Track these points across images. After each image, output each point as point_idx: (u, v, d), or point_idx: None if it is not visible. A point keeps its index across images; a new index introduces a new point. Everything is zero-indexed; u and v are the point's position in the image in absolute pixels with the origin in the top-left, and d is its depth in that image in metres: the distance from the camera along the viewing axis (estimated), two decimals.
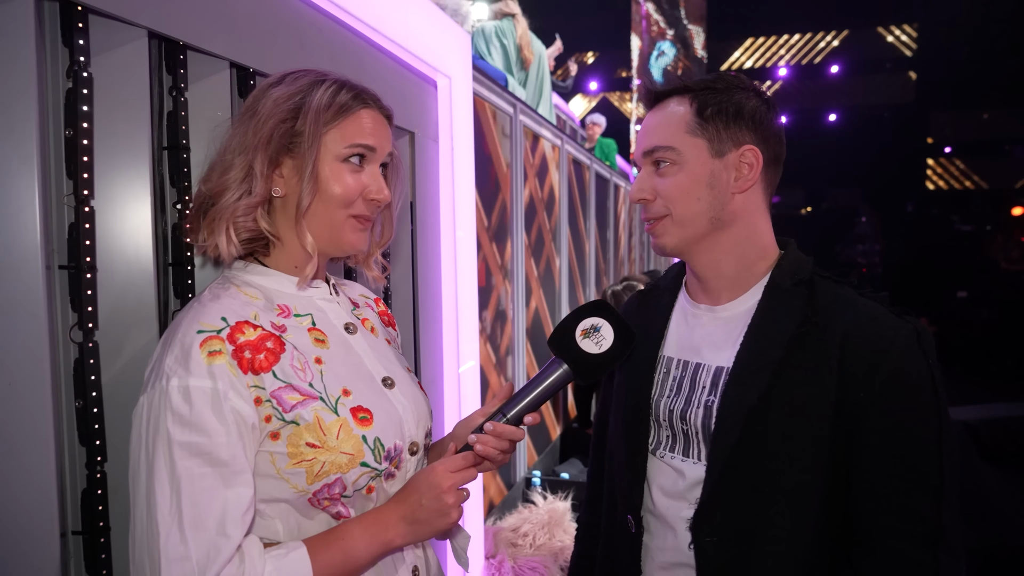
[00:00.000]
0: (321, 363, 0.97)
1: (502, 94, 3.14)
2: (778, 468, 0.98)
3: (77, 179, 0.93)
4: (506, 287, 3.23)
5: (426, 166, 1.99)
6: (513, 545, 2.46)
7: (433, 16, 1.95)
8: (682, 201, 1.05)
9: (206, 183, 0.96)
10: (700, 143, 1.04)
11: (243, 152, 0.93)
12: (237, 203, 0.92)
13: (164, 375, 0.84)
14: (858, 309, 1.00)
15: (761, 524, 0.99)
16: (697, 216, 1.05)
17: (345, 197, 0.97)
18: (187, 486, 0.82)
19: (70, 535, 0.95)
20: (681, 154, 1.05)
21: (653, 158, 1.08)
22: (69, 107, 0.93)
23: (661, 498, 1.08)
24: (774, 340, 1.00)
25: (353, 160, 0.98)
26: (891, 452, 0.94)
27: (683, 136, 1.05)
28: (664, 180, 1.06)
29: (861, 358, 0.96)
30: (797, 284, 1.04)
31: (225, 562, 0.82)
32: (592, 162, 5.37)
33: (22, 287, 0.85)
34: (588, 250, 5.22)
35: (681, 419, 1.07)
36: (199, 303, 0.92)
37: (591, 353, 1.03)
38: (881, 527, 0.95)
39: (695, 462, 1.06)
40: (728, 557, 1.00)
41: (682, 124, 1.05)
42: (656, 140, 1.07)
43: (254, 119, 0.94)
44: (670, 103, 1.08)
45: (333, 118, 0.96)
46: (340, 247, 1.01)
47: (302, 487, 0.92)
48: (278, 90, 0.96)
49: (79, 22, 0.93)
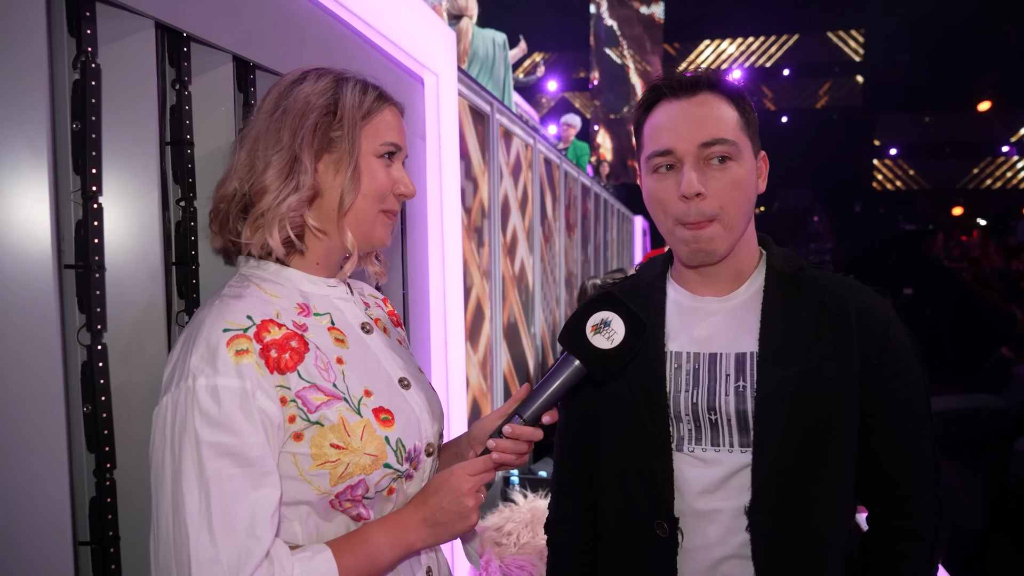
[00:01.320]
0: (343, 363, 0.95)
1: (480, 92, 3.13)
2: (822, 442, 1.04)
3: (85, 174, 0.89)
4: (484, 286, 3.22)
5: (415, 165, 1.97)
6: (498, 544, 2.45)
7: (422, 12, 1.93)
8: (738, 199, 1.03)
9: (235, 184, 0.94)
10: (747, 142, 1.06)
11: (281, 149, 0.92)
12: (286, 200, 0.91)
13: (190, 374, 0.82)
14: (855, 289, 1.09)
15: (811, 497, 1.04)
16: (744, 217, 1.06)
17: (379, 192, 0.99)
18: (216, 487, 0.80)
19: (79, 545, 0.91)
20: (740, 150, 1.04)
21: (713, 152, 1.02)
22: (76, 99, 0.89)
23: (693, 495, 1.06)
24: (799, 321, 1.06)
25: (385, 157, 1.00)
26: (904, 410, 1.06)
27: (739, 132, 1.05)
28: (722, 175, 1.02)
29: (873, 331, 1.05)
30: (800, 269, 1.10)
31: (256, 565, 0.80)
32: (562, 161, 5.39)
33: (33, 288, 0.81)
34: (558, 249, 5.25)
35: (709, 410, 1.06)
36: (221, 301, 0.90)
37: (603, 349, 1.02)
38: (906, 478, 1.07)
39: (729, 450, 1.05)
40: (784, 534, 1.03)
41: (735, 120, 1.05)
42: (716, 132, 1.02)
43: (288, 116, 0.93)
44: (707, 98, 1.04)
45: (366, 116, 0.97)
46: (370, 242, 1.02)
47: (325, 488, 0.91)
48: (305, 86, 0.95)
49: (86, 11, 0.89)
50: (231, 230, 0.96)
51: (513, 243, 3.85)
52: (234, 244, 0.97)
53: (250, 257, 0.98)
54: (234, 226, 0.96)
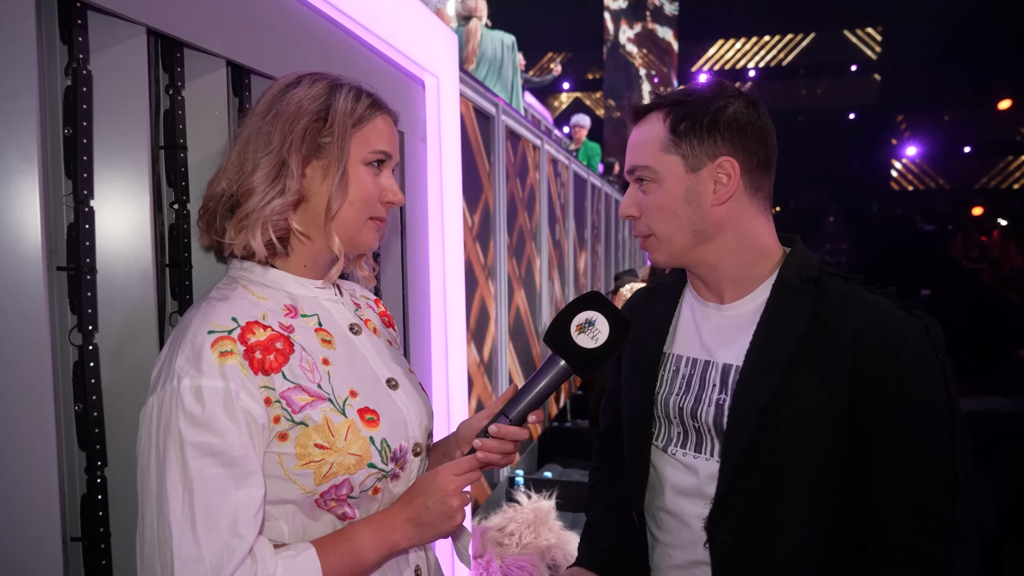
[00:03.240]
0: (328, 364, 0.97)
1: (485, 94, 3.14)
2: (793, 466, 0.98)
3: (76, 178, 0.92)
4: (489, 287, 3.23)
5: (415, 167, 1.98)
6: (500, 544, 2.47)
7: (422, 15, 1.94)
8: (662, 219, 1.06)
9: (224, 183, 0.96)
10: (674, 160, 1.05)
11: (270, 152, 0.93)
12: (271, 203, 0.93)
13: (175, 375, 0.83)
14: (867, 306, 0.99)
15: (776, 521, 0.99)
16: (677, 232, 1.06)
17: (367, 200, 1.00)
18: (200, 486, 0.81)
19: (70, 541, 0.93)
20: (657, 172, 1.06)
21: (635, 176, 1.09)
22: (68, 105, 0.91)
23: (674, 496, 1.08)
24: (785, 338, 1.00)
25: (373, 165, 1.00)
26: (906, 448, 0.95)
27: (658, 154, 1.05)
28: (646, 198, 1.08)
29: (873, 356, 0.95)
30: (805, 282, 1.03)
31: (239, 563, 0.81)
32: (571, 162, 5.39)
33: (23, 290, 0.83)
34: (567, 249, 5.25)
35: (692, 416, 1.07)
36: (207, 303, 0.92)
37: (587, 348, 1.03)
38: (897, 523, 0.95)
39: (707, 458, 1.06)
40: (744, 554, 1.01)
41: (657, 142, 1.06)
42: (635, 159, 1.09)
43: (279, 119, 0.94)
44: (649, 119, 1.09)
45: (357, 123, 0.98)
46: (356, 247, 1.03)
47: (309, 488, 0.92)
48: (299, 91, 0.96)
49: (78, 19, 0.91)
50: (217, 229, 0.98)
51: (520, 244, 3.86)
52: (219, 243, 0.99)
53: (234, 257, 1.00)
54: (221, 225, 0.97)
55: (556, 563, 2.40)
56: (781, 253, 1.09)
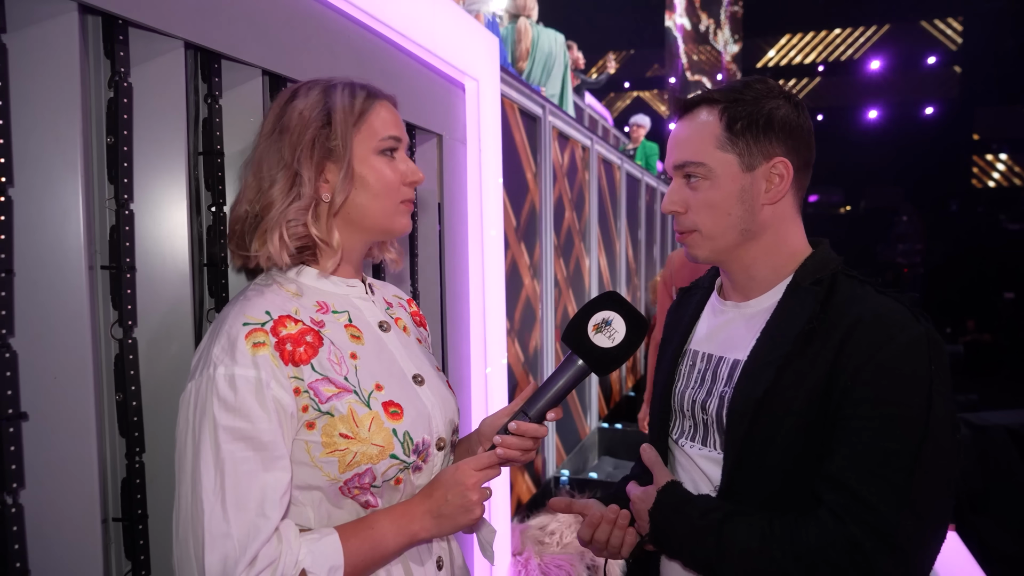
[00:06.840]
0: (356, 358, 1.01)
1: (531, 95, 3.16)
2: (781, 456, 0.99)
3: (118, 184, 0.98)
4: (535, 287, 3.25)
5: (454, 168, 2.02)
6: (540, 543, 2.48)
7: (460, 20, 1.97)
8: (711, 216, 1.05)
9: (246, 205, 1.01)
10: (730, 158, 1.03)
11: (284, 166, 0.98)
12: (287, 209, 0.98)
13: (211, 363, 0.89)
14: (868, 305, 0.97)
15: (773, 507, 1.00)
16: (727, 230, 1.05)
17: (391, 187, 1.04)
18: (230, 468, 0.86)
19: (111, 522, 1.00)
20: (712, 170, 1.04)
21: (683, 172, 1.07)
22: (110, 115, 0.98)
23: (687, 486, 1.10)
24: (785, 335, 1.01)
25: (387, 153, 1.04)
26: (868, 443, 0.90)
27: (713, 151, 1.04)
28: (695, 194, 1.06)
29: (857, 350, 0.93)
30: (815, 282, 1.03)
31: (264, 541, 0.86)
32: (623, 162, 5.35)
33: (67, 287, 0.90)
34: (619, 250, 5.21)
35: (702, 409, 1.10)
36: (244, 298, 0.97)
37: (604, 347, 1.06)
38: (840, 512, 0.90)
39: (711, 451, 1.09)
40: None
41: (711, 139, 1.04)
42: (686, 155, 1.06)
43: (285, 135, 0.99)
44: (700, 113, 1.06)
45: (359, 118, 1.02)
46: (392, 232, 1.09)
47: (334, 475, 0.96)
48: (299, 103, 1.01)
49: (120, 35, 0.98)
50: (245, 247, 1.03)
51: (568, 244, 3.86)
52: (247, 258, 1.03)
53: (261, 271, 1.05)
54: (248, 243, 1.02)
55: (595, 563, 2.40)
56: (806, 255, 1.09)
